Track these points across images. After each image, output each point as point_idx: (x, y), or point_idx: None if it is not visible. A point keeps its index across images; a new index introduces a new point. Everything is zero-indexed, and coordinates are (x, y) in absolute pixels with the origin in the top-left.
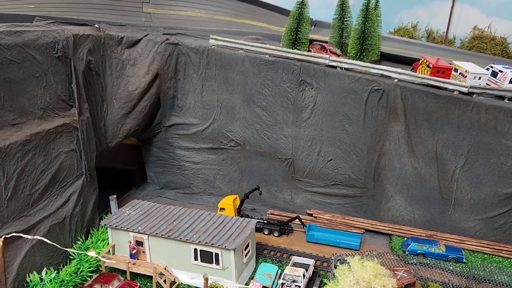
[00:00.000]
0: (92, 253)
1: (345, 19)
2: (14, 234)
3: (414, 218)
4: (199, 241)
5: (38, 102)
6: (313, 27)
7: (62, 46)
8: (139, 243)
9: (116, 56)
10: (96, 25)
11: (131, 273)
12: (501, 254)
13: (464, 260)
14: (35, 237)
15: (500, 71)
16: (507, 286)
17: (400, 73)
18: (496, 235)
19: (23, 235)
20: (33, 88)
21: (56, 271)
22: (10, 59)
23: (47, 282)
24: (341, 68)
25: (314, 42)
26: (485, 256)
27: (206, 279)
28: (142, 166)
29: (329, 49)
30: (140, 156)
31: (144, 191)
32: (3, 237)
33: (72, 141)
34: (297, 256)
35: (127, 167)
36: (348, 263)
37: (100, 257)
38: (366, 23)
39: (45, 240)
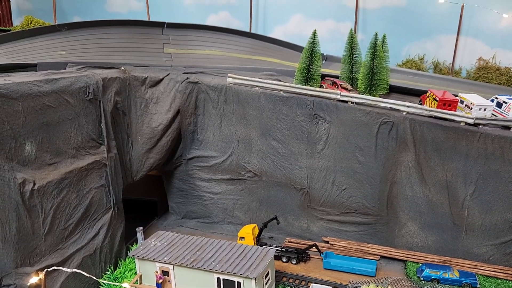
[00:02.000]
0: (125, 285)
1: (355, 56)
2: (55, 267)
3: (427, 244)
4: (222, 271)
5: (72, 142)
6: (324, 61)
7: (93, 89)
8: (165, 273)
9: (140, 95)
10: (122, 68)
11: None
12: None
13: (478, 286)
14: (74, 270)
15: (504, 102)
16: None
17: (408, 106)
18: (509, 260)
19: (63, 268)
20: (67, 130)
21: None
22: (48, 104)
23: None
24: (352, 102)
25: (326, 78)
26: (499, 281)
27: None
28: (163, 197)
29: (340, 85)
30: (162, 187)
31: (166, 221)
32: (45, 270)
33: (102, 177)
34: (315, 283)
35: (149, 198)
36: None
37: (130, 286)
38: (375, 60)
39: (83, 273)
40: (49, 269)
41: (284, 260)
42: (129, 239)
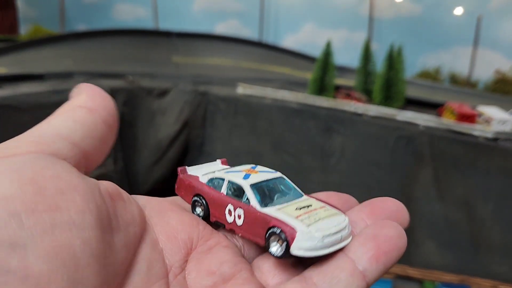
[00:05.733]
0: None
1: (369, 67)
2: None
3: (445, 263)
4: None
5: None
6: (336, 71)
7: None
8: None
9: (147, 106)
10: (130, 77)
11: None
12: None
13: None
14: None
15: None
16: None
17: (425, 120)
18: None
19: None
20: None
21: None
22: None
23: None
24: (367, 115)
25: (340, 90)
26: None
27: None
28: None
29: (355, 97)
30: None
31: None
32: None
33: None
34: None
35: None
36: None
37: None
38: (391, 72)
39: None
40: None
41: None
42: None
